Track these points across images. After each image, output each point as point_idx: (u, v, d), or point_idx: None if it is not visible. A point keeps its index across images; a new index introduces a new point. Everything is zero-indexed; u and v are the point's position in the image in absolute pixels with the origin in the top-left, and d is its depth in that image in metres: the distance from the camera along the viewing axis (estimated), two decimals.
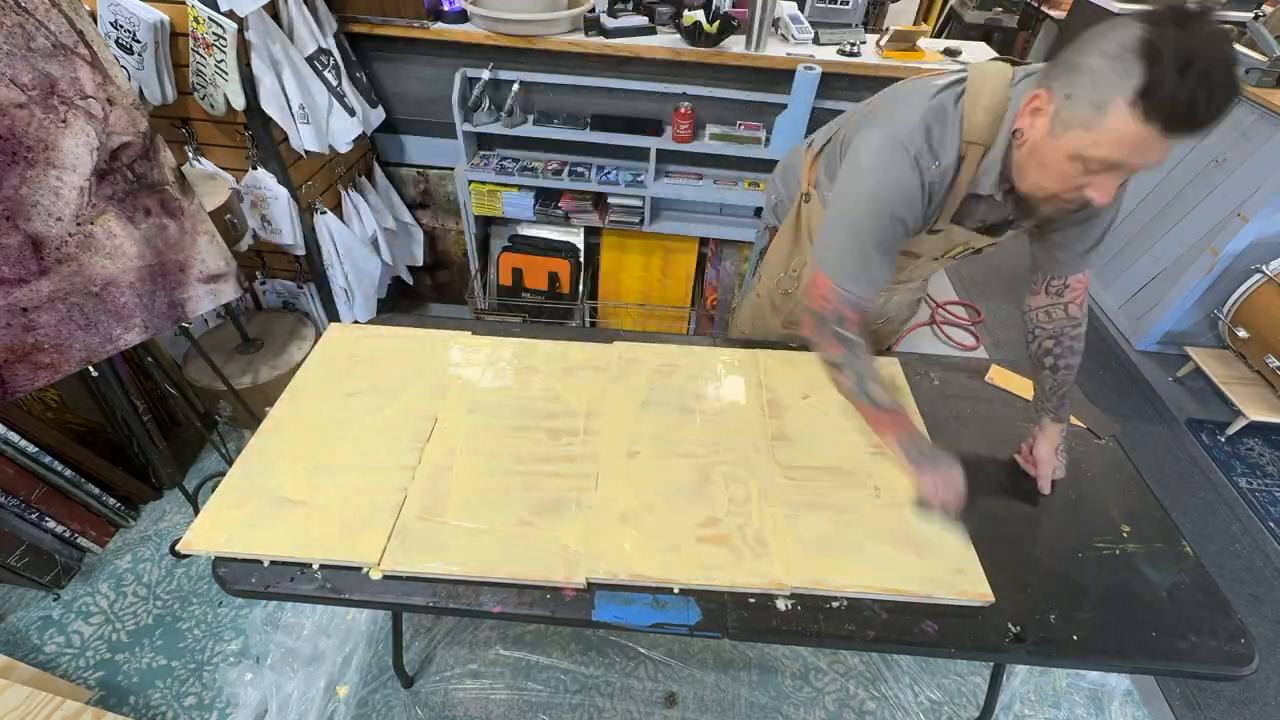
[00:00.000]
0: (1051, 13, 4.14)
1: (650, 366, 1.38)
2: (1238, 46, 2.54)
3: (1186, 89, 0.72)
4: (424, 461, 1.16)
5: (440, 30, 2.03)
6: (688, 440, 1.22)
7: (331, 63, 1.91)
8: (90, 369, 1.51)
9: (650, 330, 2.52)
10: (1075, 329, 1.15)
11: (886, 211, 0.98)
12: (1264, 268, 2.36)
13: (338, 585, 1.01)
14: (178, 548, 1.04)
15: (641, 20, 2.07)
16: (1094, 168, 0.83)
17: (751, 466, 1.18)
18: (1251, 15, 2.54)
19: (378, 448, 1.17)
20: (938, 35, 4.53)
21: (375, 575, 1.01)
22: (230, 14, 1.57)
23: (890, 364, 1.43)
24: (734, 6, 2.02)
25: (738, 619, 0.99)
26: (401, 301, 2.82)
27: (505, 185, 2.31)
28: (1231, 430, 2.47)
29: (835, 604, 1.00)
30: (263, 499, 1.08)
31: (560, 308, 2.60)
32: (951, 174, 0.98)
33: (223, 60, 1.63)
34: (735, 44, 2.03)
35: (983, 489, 1.12)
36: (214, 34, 1.60)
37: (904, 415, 1.07)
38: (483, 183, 2.30)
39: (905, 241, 1.05)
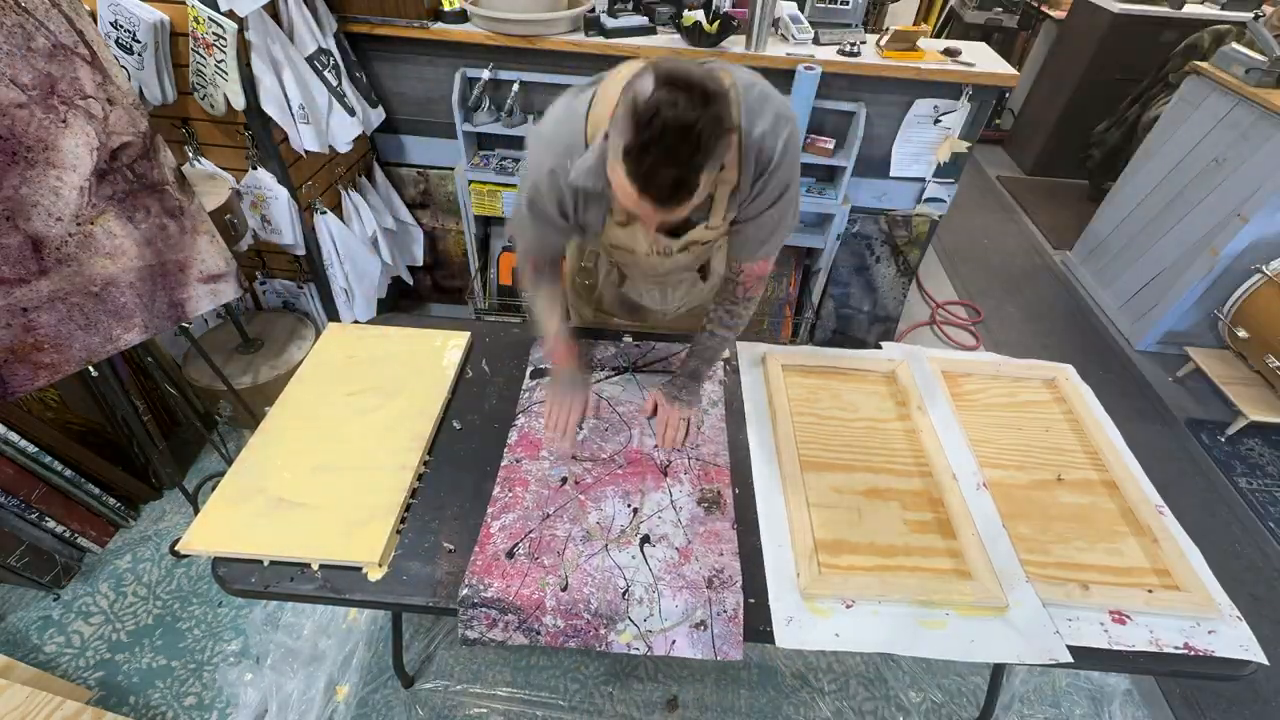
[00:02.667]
0: (1051, 13, 4.14)
1: None
2: (1237, 46, 2.55)
3: (645, 163, 0.74)
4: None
5: (440, 30, 2.03)
6: None
7: (331, 63, 1.90)
8: (90, 369, 1.51)
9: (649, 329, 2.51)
10: (735, 305, 1.18)
11: (535, 194, 1.05)
12: (1264, 268, 2.36)
13: (338, 585, 1.01)
14: (177, 548, 1.04)
15: (641, 20, 2.07)
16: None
17: None
18: (1251, 15, 2.53)
19: (378, 448, 1.17)
20: (937, 35, 4.53)
21: (374, 576, 1.01)
22: (230, 14, 1.57)
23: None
24: (734, 6, 2.02)
25: None
26: (401, 301, 2.82)
27: (505, 185, 2.31)
28: (1231, 430, 2.47)
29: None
30: (262, 499, 1.08)
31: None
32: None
33: (223, 60, 1.63)
34: (735, 44, 2.03)
35: None
36: (214, 34, 1.60)
37: (556, 341, 1.24)
38: (483, 183, 2.30)
39: (592, 228, 1.10)
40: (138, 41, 1.60)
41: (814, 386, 1.40)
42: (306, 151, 1.89)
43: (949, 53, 2.09)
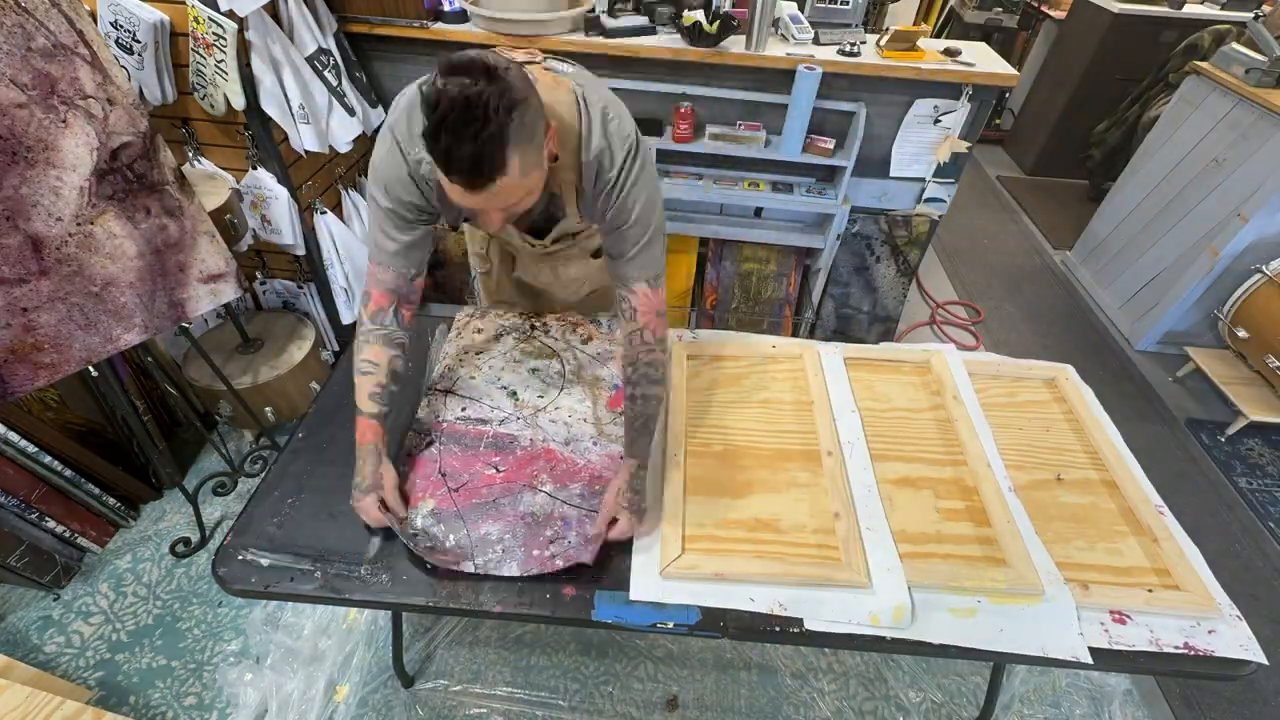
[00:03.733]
0: (1051, 13, 4.14)
1: None
2: (1237, 46, 2.55)
3: (441, 141, 0.77)
4: None
5: (440, 30, 2.03)
6: None
7: (331, 63, 1.90)
8: (90, 369, 1.51)
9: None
10: (650, 354, 1.08)
11: (381, 191, 1.01)
12: (1264, 268, 2.36)
13: (338, 585, 1.01)
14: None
15: (641, 20, 2.07)
16: None
17: None
18: (1251, 15, 2.53)
19: None
20: (937, 35, 4.53)
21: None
22: (230, 14, 1.57)
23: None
24: (734, 6, 2.02)
25: (736, 619, 0.99)
26: None
27: None
28: (1231, 430, 2.47)
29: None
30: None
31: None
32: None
33: (223, 60, 1.63)
34: (735, 44, 2.03)
35: None
36: (214, 34, 1.60)
37: (372, 427, 1.08)
38: None
39: (452, 223, 1.08)
40: (138, 41, 1.60)
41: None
42: (306, 151, 1.89)
43: (949, 53, 2.09)
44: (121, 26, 1.59)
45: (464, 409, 1.28)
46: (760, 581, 1.02)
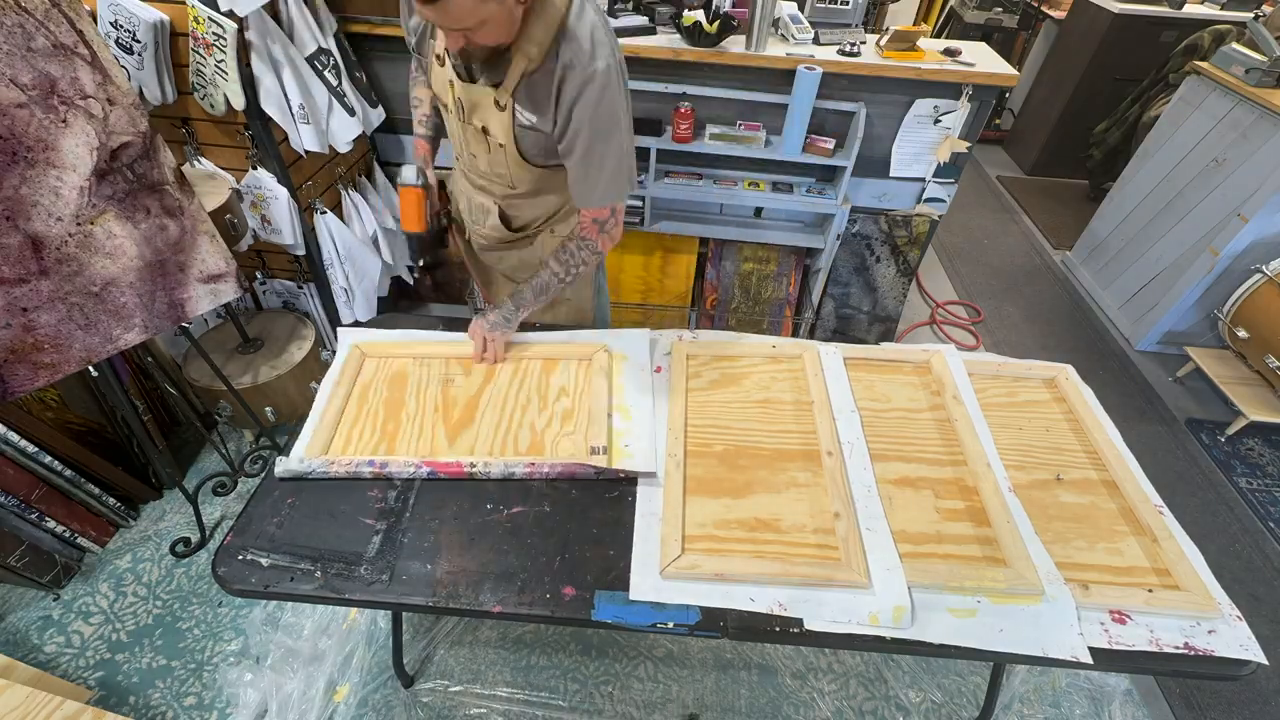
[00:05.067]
0: (1051, 13, 4.14)
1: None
2: (1237, 46, 2.55)
3: None
4: None
5: None
6: None
7: (331, 63, 1.90)
8: (90, 369, 1.51)
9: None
10: (569, 243, 1.29)
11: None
12: (1264, 268, 2.36)
13: (338, 585, 1.01)
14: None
15: (641, 20, 2.07)
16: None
17: None
18: (1251, 15, 2.53)
19: None
20: (937, 35, 4.53)
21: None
22: (230, 14, 1.57)
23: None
24: (734, 6, 2.02)
25: (736, 619, 0.99)
26: (401, 301, 2.82)
27: None
28: (1231, 430, 2.47)
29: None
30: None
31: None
32: None
33: (223, 60, 1.63)
34: (735, 44, 2.03)
35: None
36: (214, 34, 1.60)
37: (422, 144, 1.40)
38: None
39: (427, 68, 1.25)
40: (138, 41, 1.60)
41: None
42: (306, 151, 1.89)
43: (949, 53, 2.09)
44: (121, 26, 1.59)
45: None
46: (760, 581, 1.02)
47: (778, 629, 0.98)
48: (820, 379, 1.37)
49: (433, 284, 2.82)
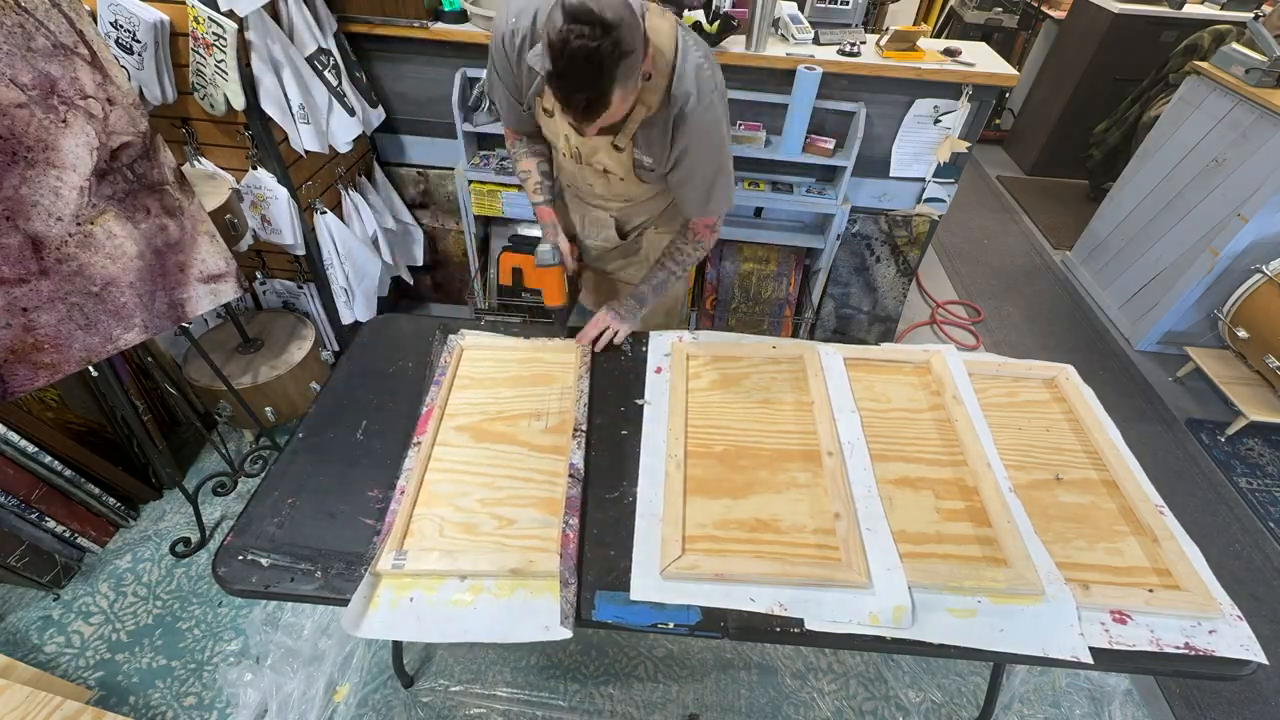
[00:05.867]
0: (1051, 13, 4.14)
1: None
2: (1237, 46, 2.55)
3: (561, 86, 0.92)
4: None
5: (440, 30, 2.03)
6: None
7: (331, 63, 1.90)
8: (90, 369, 1.51)
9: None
10: (685, 245, 1.38)
11: (491, 53, 1.21)
12: (1264, 268, 2.36)
13: (338, 585, 1.01)
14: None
15: None
16: None
17: None
18: (1251, 15, 2.53)
19: None
20: (937, 35, 4.53)
21: None
22: (230, 14, 1.57)
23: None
24: (734, 6, 2.02)
25: (737, 619, 0.99)
26: (401, 301, 2.82)
27: (505, 185, 2.30)
28: (1231, 430, 2.47)
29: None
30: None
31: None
32: (525, 36, 1.13)
33: (223, 60, 1.63)
34: (735, 44, 2.03)
35: None
36: (214, 34, 1.60)
37: (545, 211, 1.42)
38: (483, 183, 2.30)
39: (531, 108, 1.27)
40: (138, 41, 1.60)
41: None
42: (306, 151, 1.89)
43: (949, 53, 2.09)
44: (121, 26, 1.59)
45: None
46: (760, 582, 1.02)
47: (778, 629, 0.98)
48: (820, 379, 1.37)
49: (433, 284, 2.82)
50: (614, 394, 1.36)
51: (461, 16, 2.05)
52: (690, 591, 1.01)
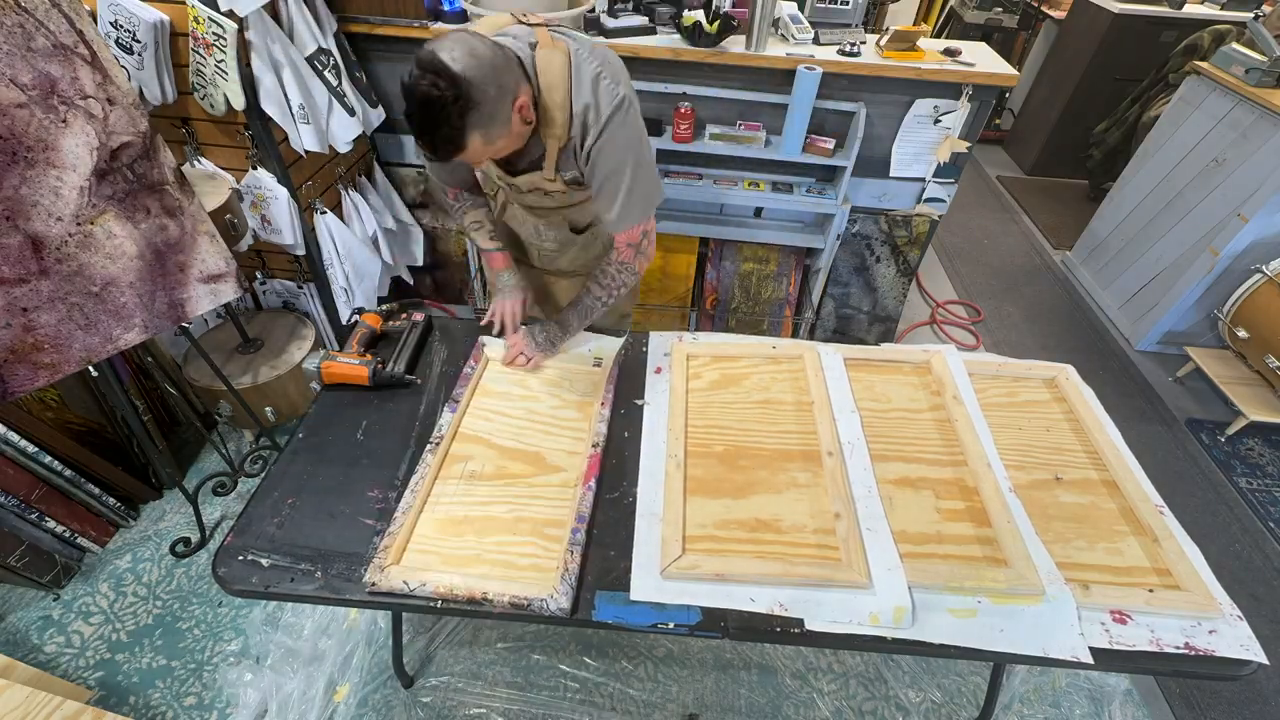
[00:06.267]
0: (1051, 13, 4.14)
1: None
2: (1237, 46, 2.55)
3: (413, 126, 0.98)
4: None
5: (440, 30, 2.03)
6: None
7: (331, 63, 1.90)
8: (90, 369, 1.51)
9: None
10: (608, 268, 1.33)
11: None
12: (1264, 268, 2.36)
13: (338, 585, 1.01)
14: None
15: (641, 20, 2.07)
16: None
17: None
18: (1251, 15, 2.53)
19: None
20: (937, 35, 4.53)
21: None
22: (230, 14, 1.57)
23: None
24: (734, 6, 2.02)
25: (737, 619, 0.99)
26: (401, 301, 2.81)
27: None
28: (1231, 430, 2.47)
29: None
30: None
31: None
32: None
33: (223, 60, 1.63)
34: (735, 44, 2.03)
35: None
36: (214, 34, 1.60)
37: (498, 257, 1.47)
38: None
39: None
40: (138, 41, 1.60)
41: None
42: (306, 151, 1.89)
43: (949, 53, 2.09)
44: (121, 26, 1.59)
45: None
46: (761, 582, 1.02)
47: (778, 629, 0.98)
48: (820, 379, 1.37)
49: (433, 284, 2.82)
50: (614, 394, 1.36)
51: (462, 16, 2.05)
52: (690, 591, 1.01)
